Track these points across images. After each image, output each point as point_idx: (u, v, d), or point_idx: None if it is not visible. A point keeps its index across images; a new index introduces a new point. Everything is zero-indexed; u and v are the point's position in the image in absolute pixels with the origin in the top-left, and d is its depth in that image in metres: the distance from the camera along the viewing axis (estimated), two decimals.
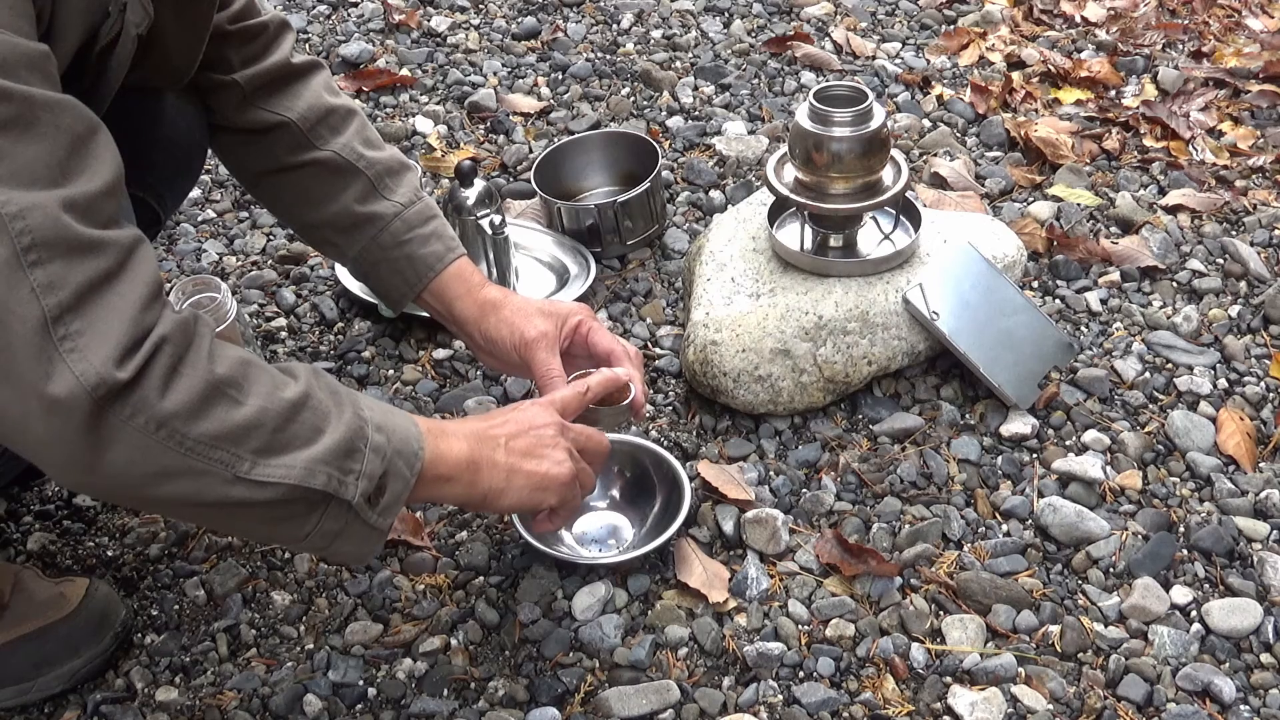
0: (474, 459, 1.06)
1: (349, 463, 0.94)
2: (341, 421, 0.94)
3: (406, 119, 2.14)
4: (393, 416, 1.00)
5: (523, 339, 1.25)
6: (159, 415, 0.85)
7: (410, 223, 1.30)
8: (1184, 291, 1.72)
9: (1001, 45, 2.36)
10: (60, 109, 0.85)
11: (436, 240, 1.31)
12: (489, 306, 1.29)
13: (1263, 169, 1.98)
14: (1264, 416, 1.51)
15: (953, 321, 1.47)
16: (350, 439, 0.94)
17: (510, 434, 1.09)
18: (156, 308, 0.87)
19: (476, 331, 1.29)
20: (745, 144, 2.03)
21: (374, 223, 1.29)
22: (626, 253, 1.80)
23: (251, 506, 0.91)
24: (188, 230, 1.89)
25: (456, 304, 1.30)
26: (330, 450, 0.93)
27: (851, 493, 1.42)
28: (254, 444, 0.89)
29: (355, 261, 1.33)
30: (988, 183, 1.94)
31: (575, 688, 1.22)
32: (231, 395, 0.89)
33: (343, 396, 0.97)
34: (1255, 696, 1.21)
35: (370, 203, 1.29)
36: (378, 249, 1.30)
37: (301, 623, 1.30)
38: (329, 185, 1.30)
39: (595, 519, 1.40)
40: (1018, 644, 1.25)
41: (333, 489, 0.93)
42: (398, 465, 0.98)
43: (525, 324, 1.26)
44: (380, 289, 1.36)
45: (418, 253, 1.30)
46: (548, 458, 1.10)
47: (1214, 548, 1.34)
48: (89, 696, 1.23)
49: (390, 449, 0.97)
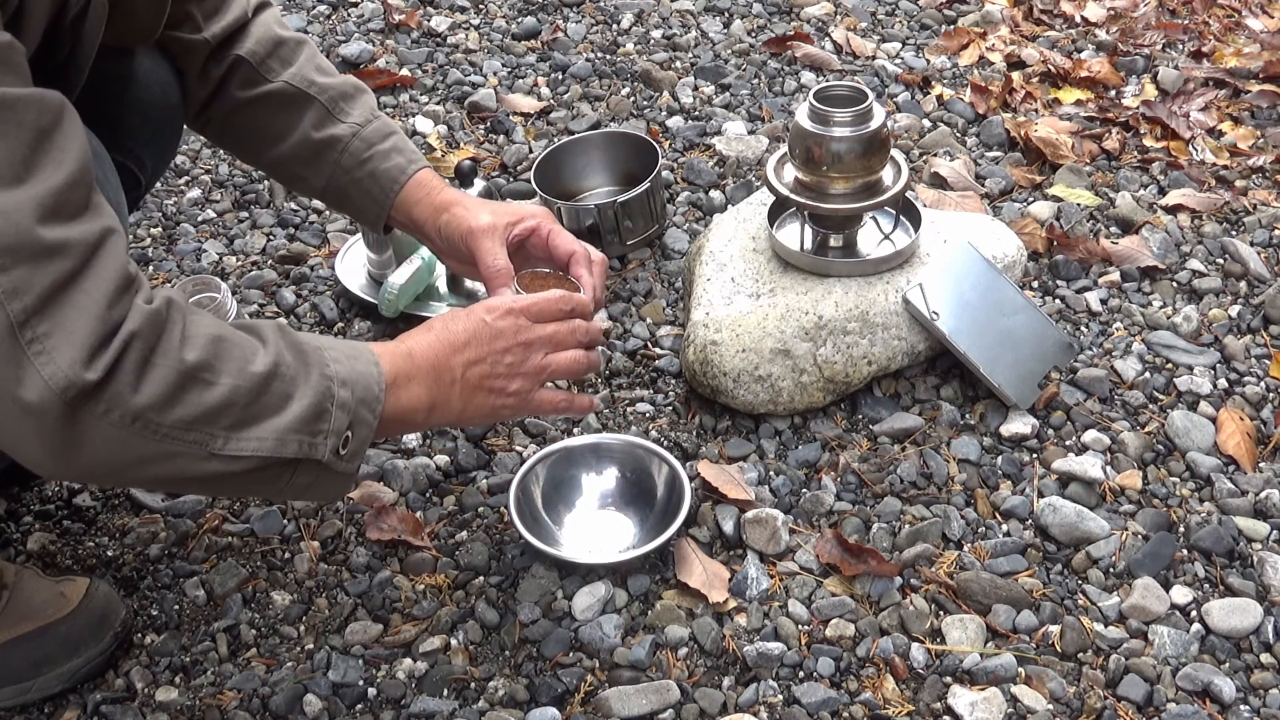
0: (431, 401, 1.09)
1: (318, 424, 0.97)
2: (309, 385, 0.97)
3: (406, 119, 2.14)
4: (356, 363, 1.03)
5: (469, 229, 1.27)
6: (133, 409, 0.87)
7: (369, 140, 1.31)
8: (1184, 291, 1.72)
9: (1001, 45, 2.36)
10: (21, 105, 0.86)
11: (397, 154, 1.32)
12: (443, 205, 1.30)
13: (1263, 169, 1.98)
14: (1264, 416, 1.51)
15: (953, 321, 1.47)
16: (319, 402, 0.97)
17: (469, 361, 1.12)
18: (125, 302, 0.88)
19: (434, 231, 1.31)
20: (745, 144, 2.03)
21: (334, 146, 1.30)
22: (626, 253, 1.80)
23: (227, 477, 0.95)
24: (188, 230, 1.89)
25: (415, 209, 1.31)
26: (300, 418, 0.96)
27: (851, 493, 1.42)
28: (227, 421, 0.92)
29: (326, 192, 1.34)
30: (988, 183, 1.94)
31: (575, 688, 1.22)
32: (204, 379, 0.91)
33: (309, 354, 0.99)
34: (1255, 696, 1.21)
35: (326, 127, 1.30)
36: (342, 172, 1.31)
37: (301, 623, 1.30)
38: (285, 117, 1.31)
39: (595, 519, 1.40)
40: (1018, 644, 1.25)
41: (304, 454, 0.96)
42: (362, 414, 1.01)
43: (473, 217, 1.28)
44: (357, 215, 1.37)
45: (380, 168, 1.31)
46: (500, 390, 1.14)
47: (1214, 548, 1.34)
48: (89, 696, 1.23)
49: (354, 400, 1.00)
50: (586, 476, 1.42)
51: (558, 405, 1.21)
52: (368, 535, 1.38)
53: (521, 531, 1.32)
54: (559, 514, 1.39)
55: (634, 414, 1.53)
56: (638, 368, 1.61)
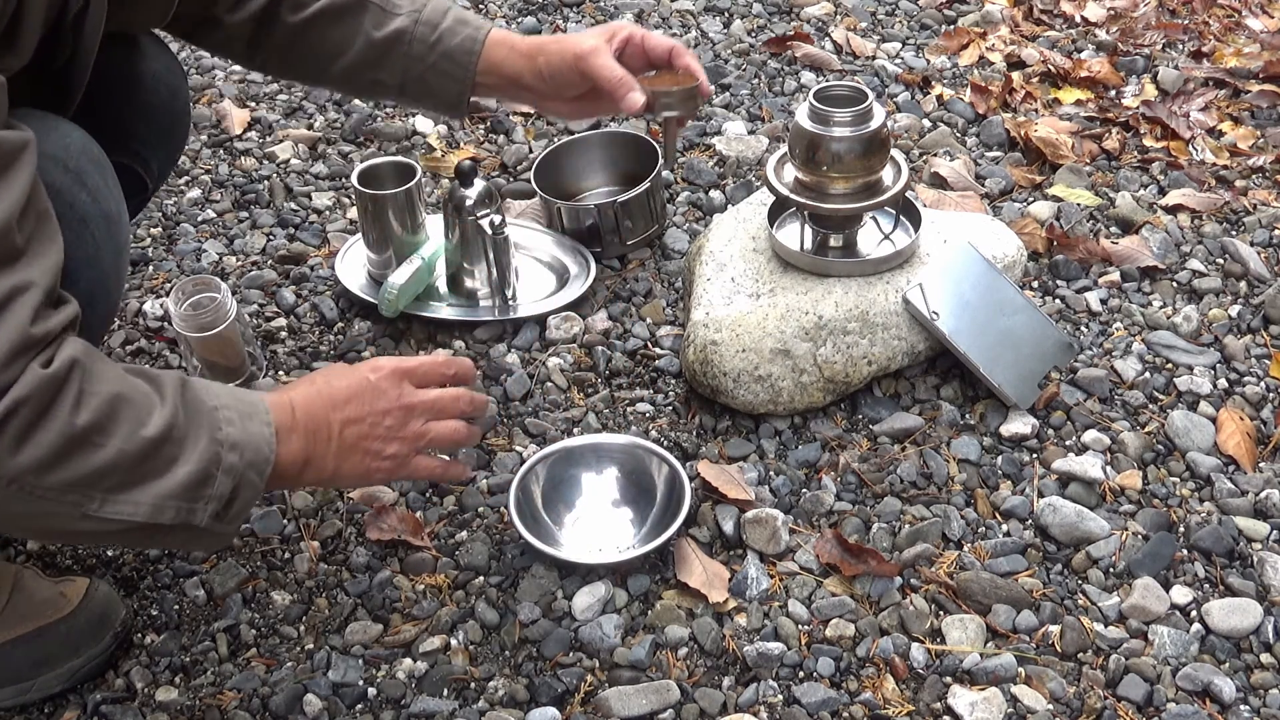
0: (307, 458, 1.07)
1: (201, 490, 0.96)
2: (197, 450, 0.95)
3: (406, 119, 2.14)
4: (249, 423, 1.00)
5: (577, 55, 1.28)
6: (8, 473, 0.87)
7: (431, 22, 1.32)
8: (1184, 291, 1.72)
9: (1001, 45, 2.36)
10: None
11: (463, 26, 1.33)
12: (534, 50, 1.32)
13: (1263, 169, 1.98)
14: (1264, 416, 1.51)
15: (953, 321, 1.47)
16: (205, 469, 0.95)
17: (348, 419, 1.09)
18: (17, 366, 0.87)
19: (534, 77, 1.32)
20: (745, 144, 2.03)
21: (400, 40, 1.31)
22: (626, 253, 1.80)
23: (101, 535, 0.94)
24: (188, 230, 1.89)
25: (505, 66, 1.33)
26: (182, 484, 0.94)
27: (851, 493, 1.42)
28: (108, 484, 0.91)
29: (404, 88, 1.35)
30: (988, 183, 1.94)
31: (575, 688, 1.22)
32: (93, 441, 0.90)
33: (203, 417, 0.97)
34: (1255, 696, 1.21)
35: (386, 23, 1.31)
36: (414, 62, 1.32)
37: (301, 623, 1.30)
38: (343, 27, 1.31)
39: (595, 519, 1.40)
40: (1018, 644, 1.25)
41: (180, 520, 0.95)
42: (249, 477, 0.99)
43: (575, 45, 1.30)
44: (438, 103, 1.38)
45: (451, 45, 1.32)
46: (376, 453, 1.11)
47: (1214, 548, 1.34)
48: (89, 696, 1.23)
49: (243, 464, 0.98)
50: (586, 476, 1.42)
51: (433, 473, 1.18)
52: (368, 535, 1.38)
53: (521, 531, 1.32)
54: (559, 514, 1.39)
55: (634, 414, 1.53)
56: (638, 368, 1.61)
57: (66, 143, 1.07)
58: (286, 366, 1.62)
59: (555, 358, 1.61)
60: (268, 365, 1.62)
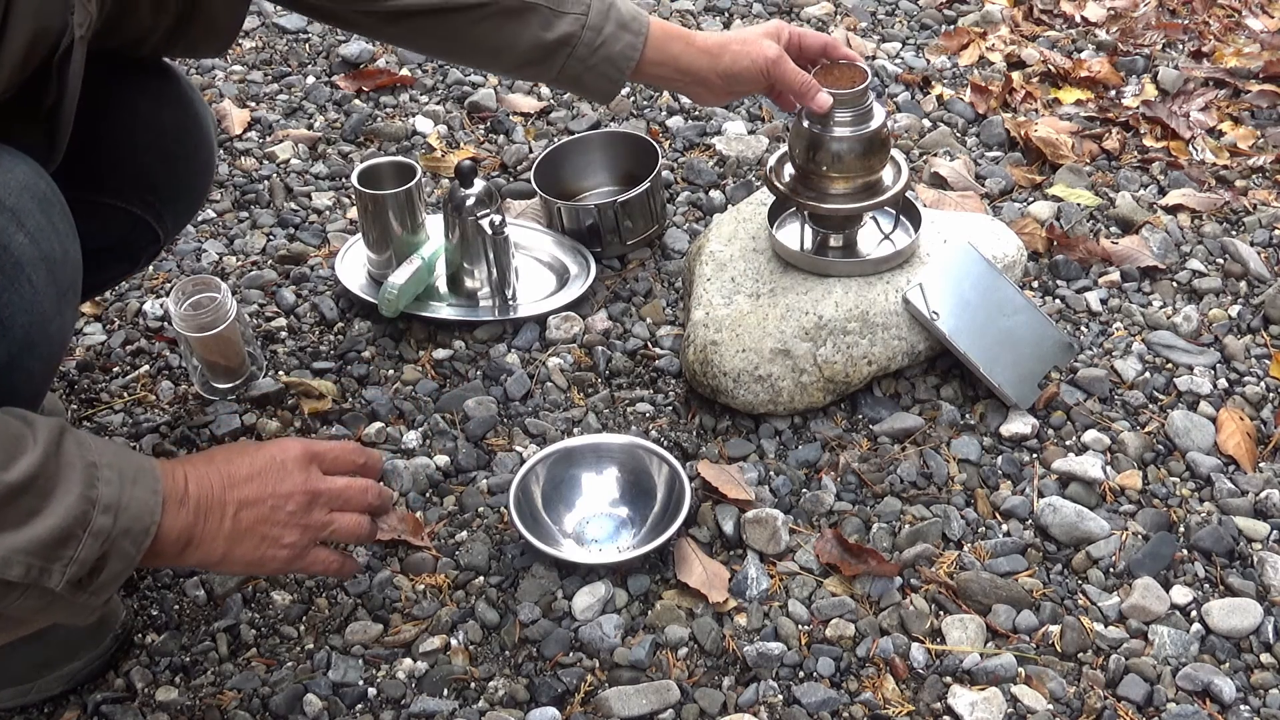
0: (190, 537, 0.98)
1: (60, 550, 0.87)
2: (63, 505, 0.87)
3: (406, 119, 2.14)
4: (135, 488, 0.92)
5: (767, 60, 1.38)
6: None
7: (596, 27, 1.36)
8: (1184, 291, 1.72)
9: (1001, 45, 2.36)
10: None
11: (623, 31, 1.38)
12: (718, 48, 1.40)
13: (1263, 169, 1.98)
14: (1264, 416, 1.51)
15: (953, 321, 1.47)
16: (67, 527, 0.87)
17: (246, 500, 1.01)
18: None
19: (712, 74, 1.40)
20: (745, 144, 2.03)
21: (566, 44, 1.36)
22: (626, 253, 1.80)
23: None
24: (188, 230, 1.89)
25: (681, 59, 1.41)
26: (38, 540, 0.86)
27: (851, 493, 1.42)
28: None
29: (558, 81, 1.41)
30: (988, 183, 1.94)
31: (575, 688, 1.22)
32: None
33: (77, 472, 0.89)
34: (1255, 696, 1.21)
35: (555, 27, 1.35)
36: (577, 63, 1.37)
37: (301, 623, 1.30)
38: (513, 28, 1.35)
39: (595, 519, 1.40)
40: (1018, 644, 1.25)
41: (30, 579, 0.86)
42: (122, 546, 0.91)
43: (760, 50, 1.38)
44: (591, 94, 1.44)
45: (613, 52, 1.38)
46: (272, 540, 1.03)
47: (1214, 548, 1.34)
48: (89, 696, 1.23)
49: (116, 530, 0.90)
50: (586, 476, 1.42)
51: (329, 568, 1.10)
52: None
53: (521, 531, 1.32)
54: (559, 514, 1.39)
55: (634, 414, 1.53)
56: (638, 368, 1.61)
57: (6, 179, 0.97)
58: (286, 366, 1.62)
59: (555, 358, 1.62)
60: (268, 365, 1.62)
